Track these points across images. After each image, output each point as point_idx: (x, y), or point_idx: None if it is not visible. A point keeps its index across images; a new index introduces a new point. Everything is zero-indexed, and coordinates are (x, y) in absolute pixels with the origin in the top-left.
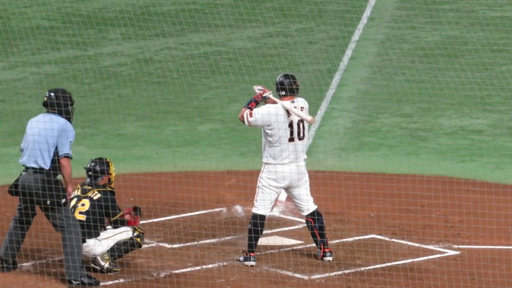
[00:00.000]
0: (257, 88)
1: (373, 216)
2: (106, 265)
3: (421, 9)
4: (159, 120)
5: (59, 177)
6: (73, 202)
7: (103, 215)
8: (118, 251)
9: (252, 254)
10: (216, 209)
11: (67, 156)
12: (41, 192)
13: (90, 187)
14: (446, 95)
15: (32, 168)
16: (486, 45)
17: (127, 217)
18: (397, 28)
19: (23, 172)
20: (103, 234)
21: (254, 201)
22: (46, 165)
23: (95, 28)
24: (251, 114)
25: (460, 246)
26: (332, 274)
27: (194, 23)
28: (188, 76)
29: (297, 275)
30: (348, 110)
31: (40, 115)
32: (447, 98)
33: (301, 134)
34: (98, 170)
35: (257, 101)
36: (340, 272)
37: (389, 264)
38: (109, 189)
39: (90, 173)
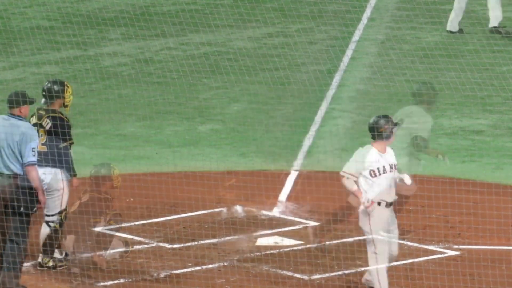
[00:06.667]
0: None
1: None
2: (50, 263)
3: (421, 10)
4: (159, 120)
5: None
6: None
7: (59, 141)
8: (49, 246)
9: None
10: (216, 209)
11: (32, 164)
12: (16, 197)
13: (43, 112)
14: (446, 95)
15: (6, 174)
16: (486, 46)
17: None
18: (397, 29)
19: None
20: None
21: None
22: (19, 170)
23: (95, 28)
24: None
25: (460, 247)
26: (332, 274)
27: (195, 23)
28: (188, 76)
29: (297, 275)
30: (348, 111)
31: (0, 117)
32: (447, 98)
33: None
34: (53, 90)
35: None
36: (340, 272)
37: (389, 264)
38: (59, 115)
39: (44, 93)
